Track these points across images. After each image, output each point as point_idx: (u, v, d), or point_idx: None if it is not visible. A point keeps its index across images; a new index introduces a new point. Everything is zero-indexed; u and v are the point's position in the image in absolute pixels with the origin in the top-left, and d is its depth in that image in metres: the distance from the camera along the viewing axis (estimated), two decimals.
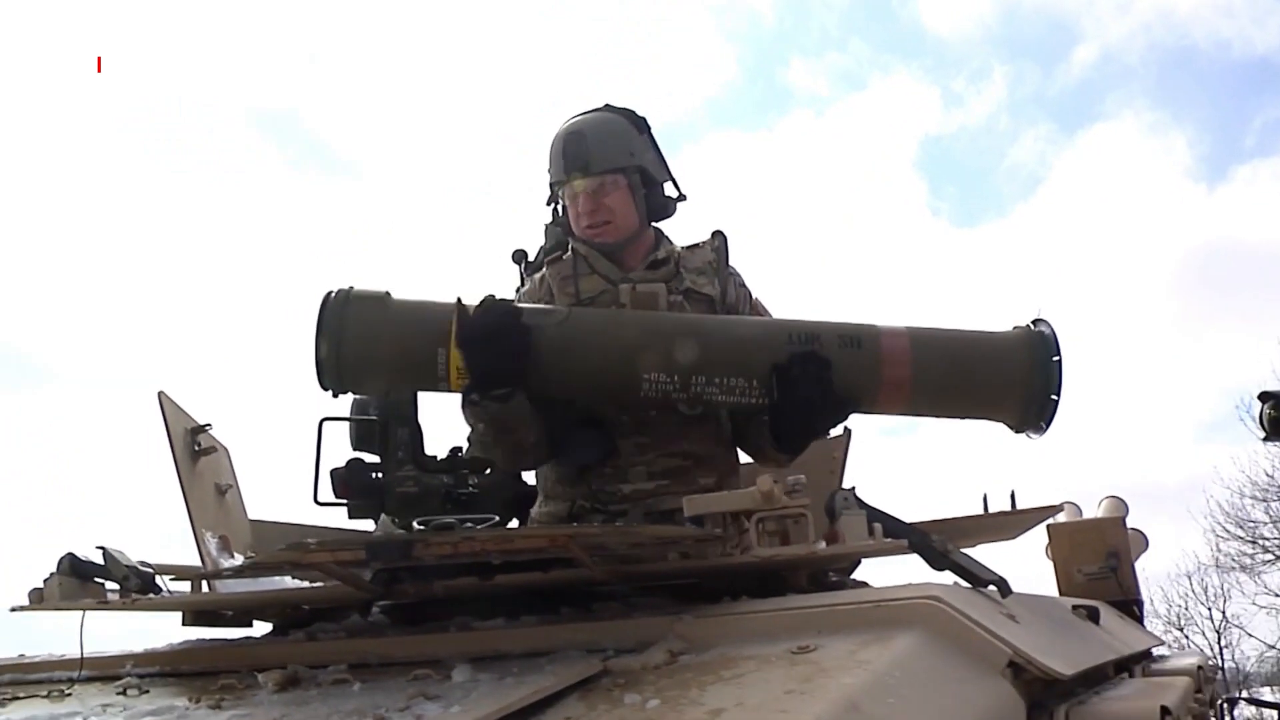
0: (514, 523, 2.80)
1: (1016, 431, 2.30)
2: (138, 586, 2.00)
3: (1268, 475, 18.59)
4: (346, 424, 3.06)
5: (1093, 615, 2.09)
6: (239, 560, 2.51)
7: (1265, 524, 19.36)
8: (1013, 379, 2.25)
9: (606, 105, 2.64)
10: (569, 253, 2.69)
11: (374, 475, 3.00)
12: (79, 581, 2.04)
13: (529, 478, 2.99)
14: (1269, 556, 19.44)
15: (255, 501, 3.15)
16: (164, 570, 2.18)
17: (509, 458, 2.52)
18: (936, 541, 1.79)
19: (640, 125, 2.61)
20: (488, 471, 3.05)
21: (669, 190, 2.69)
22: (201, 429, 2.61)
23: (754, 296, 2.66)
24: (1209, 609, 21.88)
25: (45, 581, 2.07)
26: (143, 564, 2.05)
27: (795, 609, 1.67)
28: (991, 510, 2.17)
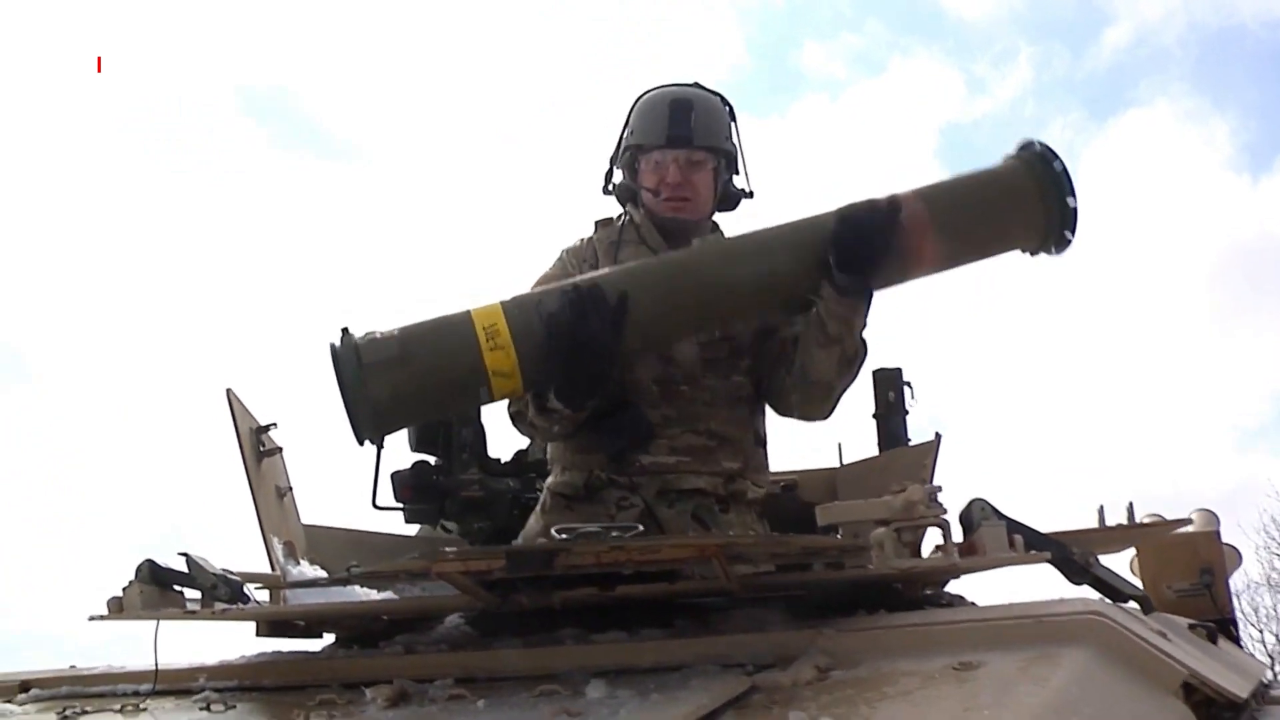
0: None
1: (1035, 253, 2.32)
2: (227, 595, 1.94)
3: None
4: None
5: (1211, 635, 2.06)
6: (308, 568, 2.45)
7: None
8: (1027, 199, 2.25)
9: (697, 83, 2.59)
10: (622, 218, 2.61)
11: (436, 478, 2.96)
12: (159, 590, 1.97)
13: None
14: None
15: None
16: (251, 579, 2.11)
17: (559, 436, 2.45)
18: (1077, 554, 1.75)
19: (732, 111, 2.57)
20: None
21: (739, 183, 2.65)
22: (265, 429, 2.55)
23: None
24: (1260, 630, 20.83)
25: (125, 590, 2.00)
26: (227, 572, 1.98)
27: (947, 623, 1.63)
28: (1108, 523, 2.13)
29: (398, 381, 2.02)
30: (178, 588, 1.99)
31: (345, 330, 2.04)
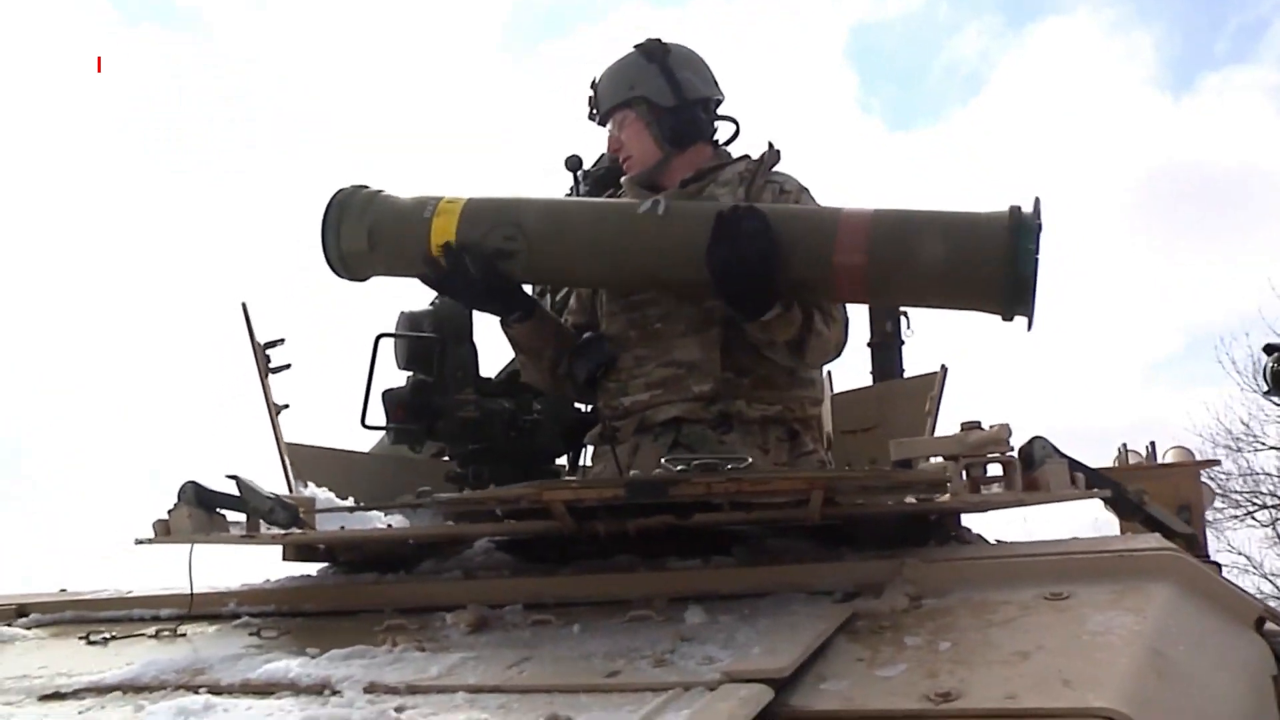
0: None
1: (1005, 319, 2.14)
2: (285, 519, 1.92)
3: (1243, 424, 16.29)
4: (391, 342, 2.99)
5: (1218, 571, 2.24)
6: (315, 489, 2.43)
7: (1234, 476, 16.83)
8: (988, 263, 2.09)
9: (635, 45, 2.71)
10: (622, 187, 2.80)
11: (431, 398, 2.95)
12: (206, 513, 1.94)
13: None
14: (1238, 512, 17.12)
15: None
16: (301, 502, 2.09)
17: (545, 380, 2.69)
18: (1131, 493, 1.88)
19: (652, 54, 2.67)
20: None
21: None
22: (274, 344, 2.51)
23: (808, 199, 2.61)
24: None
25: (170, 513, 1.96)
26: (274, 496, 1.95)
27: (1029, 556, 1.74)
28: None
29: (361, 215, 2.47)
30: (221, 511, 1.97)
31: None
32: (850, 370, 3.26)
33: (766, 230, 2.16)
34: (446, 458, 3.08)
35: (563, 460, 3.11)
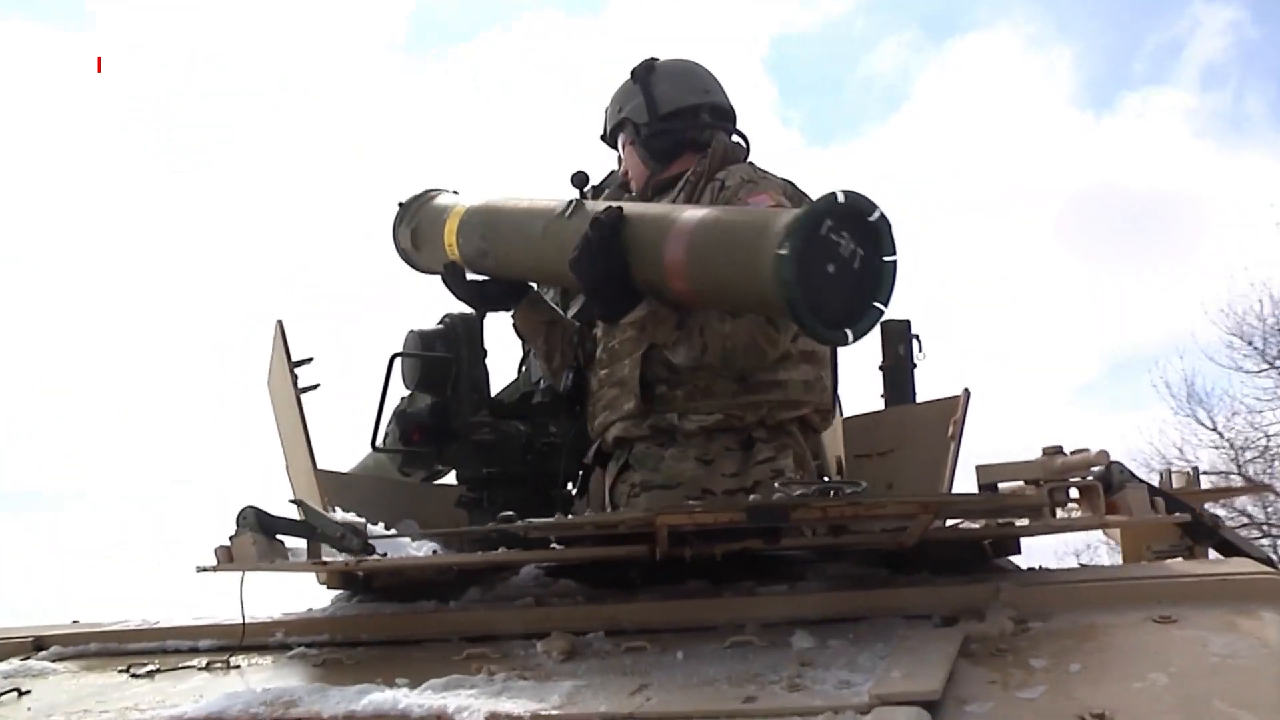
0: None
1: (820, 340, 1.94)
2: (359, 546, 1.84)
3: (1177, 448, 15.78)
4: (401, 362, 2.92)
5: None
6: (342, 514, 2.35)
7: None
8: (761, 269, 1.78)
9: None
10: None
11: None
12: (267, 539, 1.86)
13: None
14: None
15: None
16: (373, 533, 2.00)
17: (544, 369, 2.78)
18: (1206, 517, 1.92)
19: (636, 74, 2.70)
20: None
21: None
22: (304, 363, 2.43)
23: (750, 189, 2.45)
24: None
25: (232, 539, 1.87)
26: (346, 523, 1.88)
27: (1126, 579, 1.76)
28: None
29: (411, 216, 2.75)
30: (282, 537, 1.89)
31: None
32: (861, 394, 3.24)
33: (611, 236, 2.13)
34: (455, 481, 3.01)
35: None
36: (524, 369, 3.16)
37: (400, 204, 2.79)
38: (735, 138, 2.67)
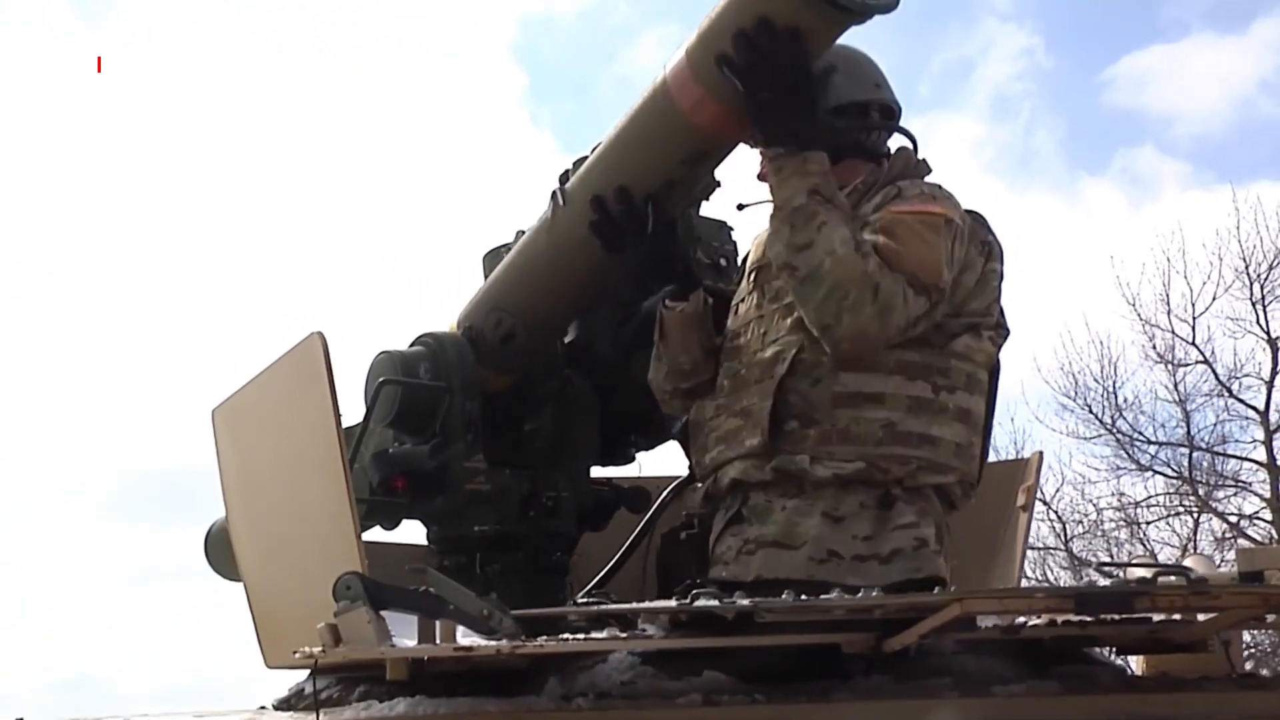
0: None
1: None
2: (510, 629, 1.51)
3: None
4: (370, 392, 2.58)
5: None
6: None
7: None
8: None
9: None
10: None
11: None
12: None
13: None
14: None
15: None
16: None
17: (659, 380, 2.49)
18: None
19: None
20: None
21: None
22: None
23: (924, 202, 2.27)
24: None
25: (338, 615, 1.50)
26: (489, 599, 1.55)
27: None
28: None
29: None
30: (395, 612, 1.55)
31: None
32: None
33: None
34: (426, 540, 2.67)
35: None
36: None
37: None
38: (906, 140, 2.38)
